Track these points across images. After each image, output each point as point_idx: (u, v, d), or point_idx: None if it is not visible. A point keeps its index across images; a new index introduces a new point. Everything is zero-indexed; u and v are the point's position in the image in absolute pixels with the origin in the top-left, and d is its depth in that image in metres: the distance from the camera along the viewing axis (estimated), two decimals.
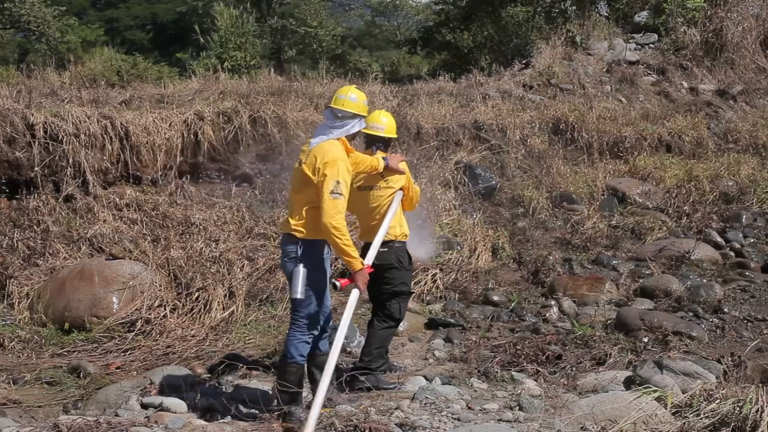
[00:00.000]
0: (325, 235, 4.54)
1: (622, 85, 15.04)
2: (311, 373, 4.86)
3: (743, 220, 10.53)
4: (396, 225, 5.45)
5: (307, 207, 4.64)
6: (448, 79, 15.20)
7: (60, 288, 7.05)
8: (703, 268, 8.78)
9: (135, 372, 6.01)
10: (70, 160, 8.69)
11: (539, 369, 5.64)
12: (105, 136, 9.03)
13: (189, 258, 7.57)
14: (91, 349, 6.46)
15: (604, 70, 15.69)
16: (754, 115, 14.18)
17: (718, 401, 3.85)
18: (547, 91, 14.36)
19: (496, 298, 7.83)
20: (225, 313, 6.95)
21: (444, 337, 6.77)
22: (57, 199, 8.55)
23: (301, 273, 4.59)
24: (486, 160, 11.23)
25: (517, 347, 6.14)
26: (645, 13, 18.20)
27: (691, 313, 7.29)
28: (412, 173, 5.86)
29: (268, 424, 4.43)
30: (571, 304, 7.58)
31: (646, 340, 6.37)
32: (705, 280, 8.35)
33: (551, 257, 8.88)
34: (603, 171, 11.76)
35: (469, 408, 4.52)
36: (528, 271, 8.69)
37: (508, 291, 8.12)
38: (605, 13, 18.99)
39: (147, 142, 9.26)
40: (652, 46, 17.03)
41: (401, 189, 5.48)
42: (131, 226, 8.43)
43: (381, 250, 5.38)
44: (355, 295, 4.62)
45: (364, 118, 4.92)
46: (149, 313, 6.80)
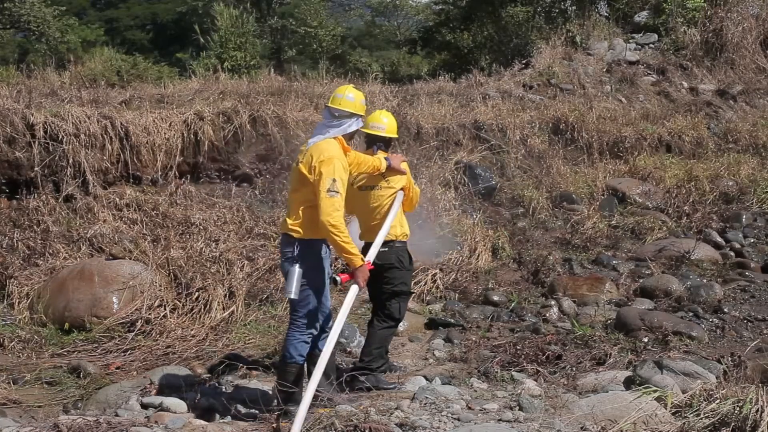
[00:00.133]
0: (323, 233, 4.53)
1: (622, 85, 15.03)
2: (311, 372, 4.86)
3: (743, 220, 10.53)
4: (397, 225, 5.45)
5: (303, 206, 4.64)
6: (448, 79, 15.18)
7: (60, 288, 7.04)
8: (703, 268, 8.78)
9: (135, 372, 6.01)
10: (70, 160, 8.68)
11: (539, 369, 5.64)
12: (105, 136, 9.02)
13: (189, 258, 7.57)
14: (91, 349, 6.46)
15: (604, 70, 15.68)
16: (754, 115, 14.17)
17: (718, 401, 3.85)
18: (547, 91, 14.35)
19: (496, 298, 7.83)
20: (225, 313, 6.95)
21: (444, 337, 6.77)
22: (57, 199, 8.54)
23: (296, 273, 4.58)
24: (486, 160, 11.23)
25: (517, 347, 6.14)
26: (645, 13, 18.19)
27: (691, 313, 7.29)
28: (413, 173, 5.86)
29: (268, 424, 4.43)
30: (571, 304, 7.58)
31: (646, 340, 6.37)
32: (705, 280, 8.35)
33: (551, 257, 8.88)
34: (603, 171, 11.76)
35: (469, 408, 4.52)
36: (528, 271, 8.69)
37: (508, 291, 8.13)
38: (605, 13, 18.98)
39: (147, 142, 9.26)
40: (652, 46, 17.02)
41: (402, 189, 5.48)
42: (131, 226, 8.43)
43: (382, 249, 5.38)
44: (353, 291, 4.61)
45: (361, 117, 4.92)
46: (149, 313, 6.80)
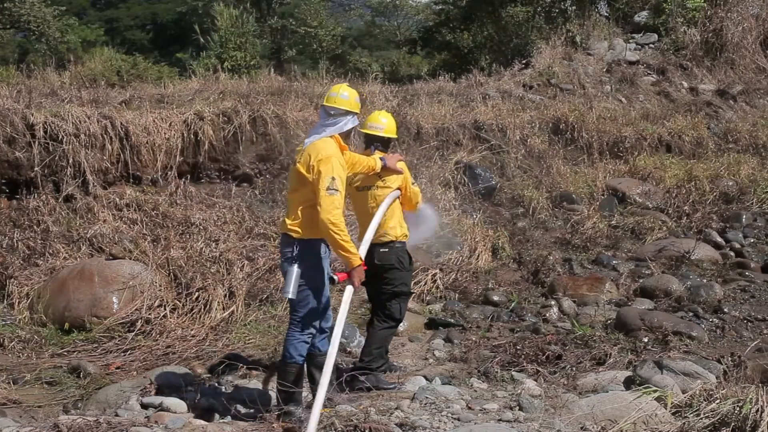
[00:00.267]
0: (322, 232, 4.52)
1: (622, 85, 15.03)
2: (311, 373, 4.86)
3: (743, 220, 10.53)
4: (396, 226, 5.45)
5: (303, 206, 4.64)
6: (448, 79, 15.18)
7: (60, 288, 7.04)
8: (703, 268, 8.78)
9: (135, 372, 6.01)
10: (70, 160, 8.68)
11: (539, 369, 5.64)
12: (105, 136, 9.02)
13: (189, 258, 7.57)
14: (91, 349, 6.46)
15: (604, 70, 15.68)
16: (754, 115, 14.17)
17: (718, 401, 3.85)
18: (547, 91, 14.35)
19: (496, 298, 7.83)
20: (225, 313, 6.95)
21: (444, 337, 6.77)
22: (57, 199, 8.54)
23: (294, 273, 4.57)
24: (486, 160, 11.23)
25: (517, 347, 6.14)
26: (645, 13, 18.19)
27: (691, 313, 7.28)
28: (412, 173, 5.86)
29: (268, 424, 4.43)
30: (571, 304, 7.58)
31: (646, 340, 6.37)
32: (705, 280, 8.35)
33: (551, 257, 8.88)
34: (603, 171, 11.76)
35: (469, 408, 4.52)
36: (528, 271, 8.69)
37: (508, 291, 8.12)
38: (605, 13, 18.99)
39: (147, 142, 9.26)
40: (652, 46, 17.02)
41: (398, 189, 5.48)
42: (131, 226, 8.43)
43: (382, 250, 5.39)
44: (349, 292, 4.60)
45: (356, 114, 4.93)
46: (149, 313, 6.80)
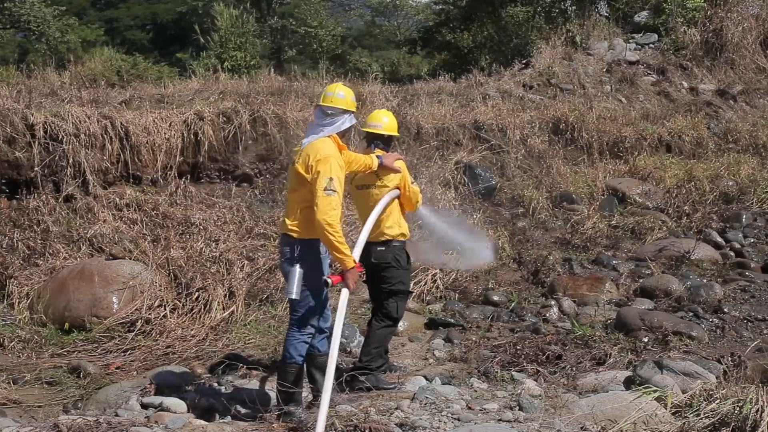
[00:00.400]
0: (318, 232, 4.53)
1: (622, 85, 15.03)
2: (310, 373, 4.86)
3: (743, 220, 10.52)
4: (394, 225, 5.45)
5: (302, 206, 4.64)
6: (448, 79, 15.18)
7: (60, 288, 7.05)
8: (703, 268, 8.78)
9: (135, 372, 6.02)
10: (70, 160, 8.68)
11: (539, 369, 5.64)
12: (105, 136, 9.03)
13: (189, 258, 7.57)
14: (91, 349, 6.46)
15: (604, 70, 15.67)
16: (754, 115, 14.16)
17: (718, 401, 3.85)
18: (547, 91, 14.35)
19: (496, 298, 7.83)
20: (225, 313, 6.95)
21: (444, 337, 6.77)
22: (57, 199, 8.55)
23: (297, 273, 4.58)
24: (486, 160, 11.23)
25: (517, 347, 6.14)
26: (645, 13, 18.19)
27: (691, 313, 7.28)
28: (412, 173, 5.86)
29: (268, 424, 4.43)
30: (571, 304, 7.58)
31: (646, 340, 6.37)
32: (705, 280, 8.35)
33: (551, 257, 8.88)
34: (603, 171, 11.75)
35: (469, 408, 4.52)
36: (528, 271, 8.69)
37: (508, 291, 8.12)
38: (605, 13, 18.98)
39: (147, 142, 9.26)
40: (652, 46, 17.01)
41: (397, 188, 5.47)
42: (131, 226, 8.43)
43: (379, 248, 5.39)
44: (345, 295, 4.60)
45: (353, 113, 4.93)
46: (149, 313, 6.80)
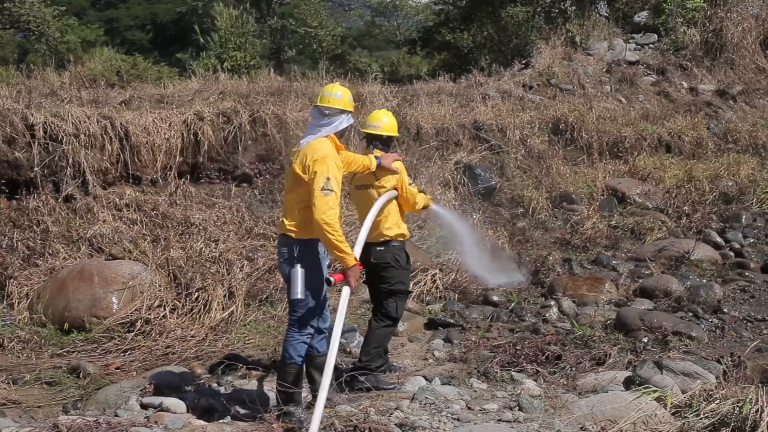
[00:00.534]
0: (316, 232, 4.53)
1: (622, 85, 15.03)
2: (309, 373, 4.86)
3: (743, 220, 10.53)
4: (393, 225, 5.45)
5: (299, 207, 4.64)
6: (448, 79, 15.18)
7: (60, 288, 7.04)
8: (703, 268, 8.78)
9: (135, 372, 6.01)
10: (70, 160, 8.68)
11: (539, 369, 5.64)
12: (105, 136, 9.03)
13: (189, 258, 7.57)
14: (90, 350, 6.46)
15: (604, 70, 15.67)
16: (753, 115, 14.17)
17: (717, 401, 3.85)
18: (547, 91, 14.35)
19: (495, 298, 7.82)
20: (225, 314, 6.95)
21: (444, 337, 6.77)
22: (57, 199, 8.55)
23: (299, 273, 4.57)
24: (486, 160, 11.23)
25: (517, 347, 6.14)
26: (645, 13, 18.19)
27: (690, 313, 7.28)
28: (412, 173, 5.86)
29: (267, 425, 4.43)
30: (571, 304, 7.58)
31: (646, 340, 6.37)
32: (705, 280, 8.35)
33: (551, 257, 8.88)
34: (603, 171, 11.76)
35: (469, 408, 4.52)
36: (528, 271, 8.69)
37: (507, 291, 8.11)
38: (605, 13, 18.99)
39: (147, 142, 9.26)
40: (651, 46, 17.02)
41: (395, 189, 5.47)
42: (131, 226, 8.43)
43: (378, 249, 5.40)
44: (346, 293, 4.61)
45: (351, 113, 4.93)
46: (149, 314, 6.80)
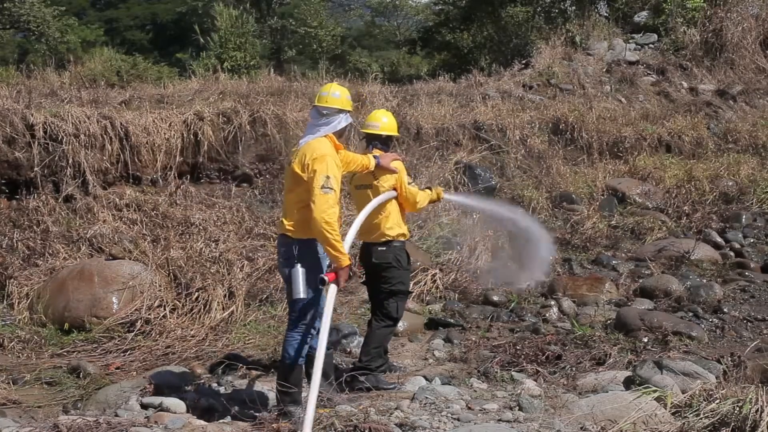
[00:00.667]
0: (314, 230, 4.53)
1: (622, 85, 15.03)
2: (310, 373, 4.85)
3: (743, 220, 10.53)
4: (394, 225, 5.45)
5: (299, 206, 4.64)
6: (448, 79, 15.18)
7: (60, 288, 7.04)
8: (703, 268, 8.78)
9: (135, 372, 6.01)
10: (70, 161, 8.68)
11: (539, 369, 5.64)
12: (105, 137, 9.02)
13: (189, 258, 7.57)
14: (90, 350, 6.46)
15: (604, 70, 15.68)
16: (754, 115, 14.17)
17: (717, 401, 3.85)
18: (547, 91, 14.35)
19: (495, 298, 7.82)
20: (225, 314, 6.94)
21: (444, 337, 6.77)
22: (57, 199, 8.54)
23: (300, 273, 4.57)
24: (486, 160, 11.23)
25: (517, 347, 6.14)
26: (645, 13, 18.20)
27: (690, 313, 7.29)
28: (412, 173, 5.86)
29: (267, 425, 4.43)
30: (571, 304, 7.58)
31: (646, 340, 6.37)
32: (705, 280, 8.35)
33: (551, 257, 8.87)
34: (603, 171, 11.76)
35: (469, 408, 4.52)
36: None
37: (508, 291, 8.11)
38: (605, 13, 19.00)
39: (147, 143, 9.25)
40: (651, 46, 17.02)
41: (393, 189, 5.47)
42: (131, 226, 8.43)
43: (379, 249, 5.40)
44: (333, 291, 4.60)
45: (349, 112, 4.94)
46: (149, 314, 6.80)
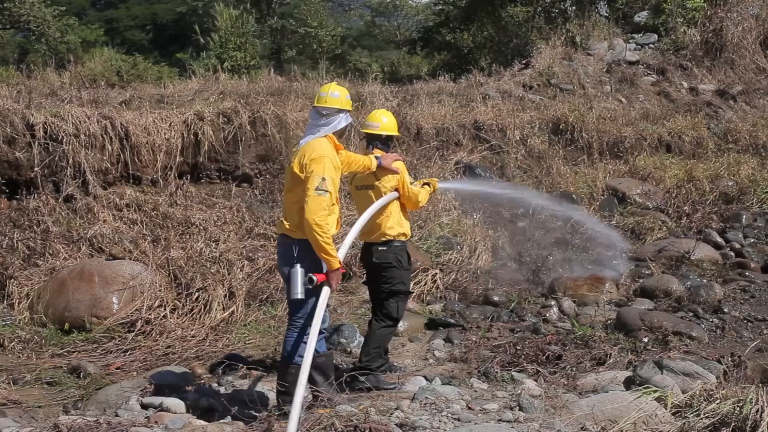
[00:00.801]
0: (306, 232, 4.53)
1: (622, 85, 15.04)
2: (309, 374, 4.85)
3: (743, 220, 10.53)
4: (395, 225, 5.45)
5: (298, 206, 4.63)
6: (448, 79, 15.20)
7: (60, 288, 7.04)
8: (703, 268, 8.78)
9: (135, 372, 6.01)
10: (70, 161, 8.67)
11: (539, 369, 5.63)
12: (105, 137, 9.01)
13: (189, 258, 7.57)
14: (91, 350, 6.46)
15: (604, 70, 15.69)
16: (754, 115, 14.18)
17: (718, 401, 3.85)
18: (547, 91, 14.36)
19: (496, 298, 7.82)
20: (225, 314, 6.94)
21: (444, 337, 6.77)
22: (57, 199, 8.53)
23: (299, 273, 4.57)
24: (486, 160, 11.24)
25: (517, 347, 6.14)
26: (645, 13, 18.21)
27: (691, 313, 7.28)
28: (412, 173, 5.86)
29: (267, 425, 4.42)
30: (571, 304, 7.58)
31: (646, 340, 6.36)
32: (705, 280, 8.35)
33: (551, 257, 8.88)
34: (603, 171, 11.77)
35: (469, 408, 4.51)
36: (528, 271, 8.69)
37: (508, 291, 8.12)
38: (605, 13, 19.03)
39: (147, 143, 9.25)
40: (652, 46, 17.04)
41: (395, 189, 5.47)
42: (131, 226, 8.42)
43: (380, 248, 5.40)
44: (326, 293, 4.60)
45: (349, 112, 4.93)
46: (149, 314, 6.80)
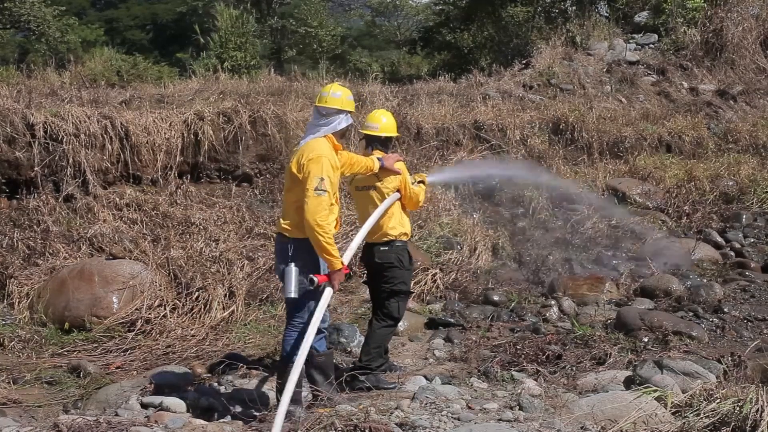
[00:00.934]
0: (307, 232, 4.54)
1: (622, 85, 15.04)
2: (310, 373, 4.86)
3: (743, 220, 10.54)
4: (396, 225, 5.46)
5: (296, 206, 4.64)
6: (448, 79, 15.19)
7: (60, 288, 7.04)
8: (703, 268, 8.79)
9: (135, 372, 6.02)
10: (70, 160, 8.66)
11: (539, 369, 5.64)
12: (105, 136, 9.01)
13: (189, 258, 7.57)
14: (91, 349, 6.46)
15: (604, 70, 15.69)
16: (754, 115, 14.18)
17: (718, 401, 3.85)
18: (547, 91, 14.36)
19: (496, 297, 7.82)
20: (225, 313, 6.95)
21: (444, 336, 6.77)
22: (57, 199, 8.53)
23: (293, 272, 4.58)
24: (486, 160, 11.22)
25: (517, 347, 6.14)
26: (645, 13, 18.21)
27: (691, 313, 7.28)
28: (412, 174, 5.86)
29: (267, 424, 4.43)
30: (571, 303, 7.58)
31: (646, 340, 6.36)
32: (705, 280, 8.35)
33: (551, 257, 8.88)
34: (603, 171, 11.76)
35: (469, 408, 4.52)
36: (528, 271, 8.69)
37: (508, 291, 8.12)
38: (605, 14, 19.02)
39: (147, 142, 9.25)
40: (652, 46, 17.04)
41: (397, 190, 5.47)
42: (131, 225, 8.42)
43: (382, 248, 5.41)
44: (328, 294, 4.61)
45: (350, 113, 4.93)
46: (149, 313, 6.80)
